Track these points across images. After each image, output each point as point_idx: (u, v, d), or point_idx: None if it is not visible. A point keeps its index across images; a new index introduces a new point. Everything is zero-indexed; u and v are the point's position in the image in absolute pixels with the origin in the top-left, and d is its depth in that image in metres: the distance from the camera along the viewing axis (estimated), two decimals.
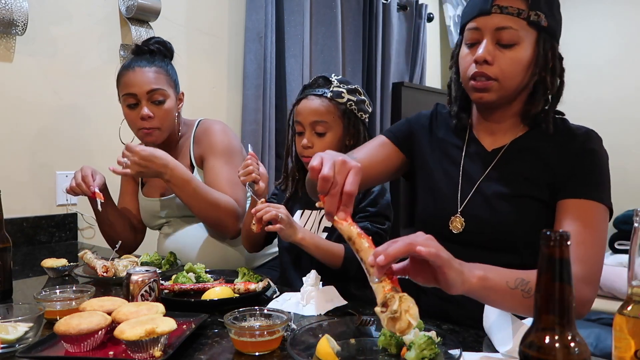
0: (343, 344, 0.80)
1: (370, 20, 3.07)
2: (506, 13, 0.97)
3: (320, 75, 1.45)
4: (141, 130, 1.50)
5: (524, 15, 0.97)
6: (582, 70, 3.44)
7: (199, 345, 0.85)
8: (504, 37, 0.98)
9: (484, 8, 0.99)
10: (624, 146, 3.23)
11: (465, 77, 1.04)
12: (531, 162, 1.03)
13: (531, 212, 1.00)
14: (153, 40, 1.58)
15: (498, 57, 0.99)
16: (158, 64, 1.52)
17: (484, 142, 1.10)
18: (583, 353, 0.52)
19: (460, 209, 1.06)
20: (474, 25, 1.01)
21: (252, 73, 2.43)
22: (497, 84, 1.00)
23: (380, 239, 1.33)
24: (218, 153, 1.54)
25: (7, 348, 0.80)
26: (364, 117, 1.44)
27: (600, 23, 3.40)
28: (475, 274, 0.79)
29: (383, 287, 0.70)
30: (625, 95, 3.28)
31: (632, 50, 3.28)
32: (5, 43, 1.78)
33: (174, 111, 1.54)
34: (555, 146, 1.02)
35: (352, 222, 0.78)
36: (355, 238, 0.75)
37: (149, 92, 1.47)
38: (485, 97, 1.01)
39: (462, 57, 1.06)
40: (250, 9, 2.44)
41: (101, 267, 1.26)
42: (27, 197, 1.85)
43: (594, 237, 0.93)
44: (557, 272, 0.52)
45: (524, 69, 1.00)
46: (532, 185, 1.01)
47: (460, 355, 0.73)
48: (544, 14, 0.98)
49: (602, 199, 0.96)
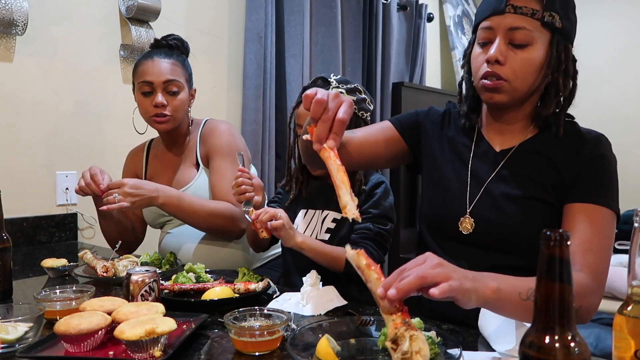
0: (343, 344, 0.80)
1: (370, 20, 3.07)
2: (520, 13, 0.96)
3: (319, 76, 1.45)
4: (153, 118, 1.53)
5: (538, 15, 0.96)
6: (582, 70, 3.39)
7: (199, 345, 0.85)
8: (517, 38, 0.97)
9: (498, 7, 0.98)
10: (624, 146, 3.21)
11: (477, 77, 1.03)
12: (539, 164, 1.02)
13: (538, 214, 0.99)
14: (171, 37, 1.63)
15: (510, 58, 0.98)
16: (176, 57, 1.57)
17: (492, 142, 1.10)
18: (583, 353, 0.52)
19: (469, 210, 1.05)
20: (487, 25, 1.00)
21: (252, 73, 2.43)
22: (508, 85, 0.99)
23: (383, 239, 1.33)
24: (223, 153, 1.56)
25: (7, 348, 0.80)
26: (365, 116, 1.44)
27: (600, 23, 3.40)
28: (488, 286, 0.78)
29: (393, 320, 0.70)
30: (625, 95, 3.28)
31: (632, 50, 3.28)
32: (5, 43, 1.78)
33: (186, 104, 1.58)
34: (565, 150, 1.01)
35: (338, 158, 0.80)
36: (364, 269, 0.74)
37: (165, 82, 1.51)
38: (495, 98, 1.01)
39: (474, 57, 1.05)
40: (250, 9, 2.44)
41: (101, 267, 1.26)
42: (27, 197, 1.85)
43: (602, 244, 0.93)
44: (557, 272, 0.52)
45: (536, 70, 0.99)
46: (539, 188, 1.00)
47: (460, 355, 0.73)
48: (558, 15, 0.97)
49: (611, 205, 0.96)
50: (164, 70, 1.51)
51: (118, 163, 1.76)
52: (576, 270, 0.89)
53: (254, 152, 2.44)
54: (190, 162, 1.62)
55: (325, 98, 0.82)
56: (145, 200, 1.38)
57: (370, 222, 1.33)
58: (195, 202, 1.44)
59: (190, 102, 1.61)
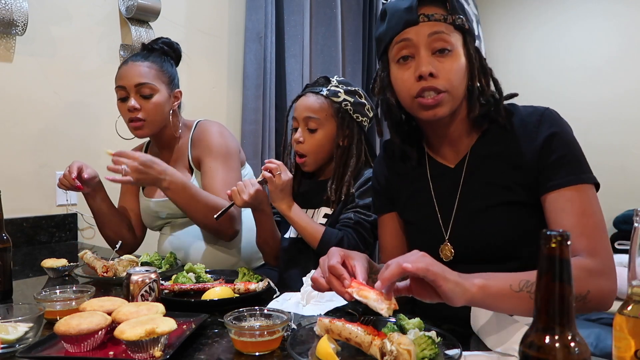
0: (343, 344, 0.80)
1: (370, 20, 3.07)
2: (434, 20, 0.94)
3: (322, 76, 1.48)
4: (131, 123, 1.51)
5: (450, 20, 0.94)
6: (582, 70, 3.44)
7: (199, 345, 0.85)
8: (439, 45, 0.94)
9: (411, 18, 0.94)
10: (624, 146, 3.22)
11: (409, 97, 0.96)
12: (497, 167, 0.98)
13: (514, 217, 0.96)
14: (160, 40, 1.61)
15: (439, 69, 0.94)
16: (152, 59, 1.53)
17: (444, 160, 1.06)
18: (583, 353, 0.52)
19: (447, 237, 1.02)
20: (404, 37, 0.95)
21: (252, 73, 2.43)
22: (448, 95, 0.94)
23: (363, 229, 1.34)
24: (215, 155, 1.53)
25: (7, 348, 0.80)
26: (361, 120, 1.44)
27: (599, 23, 3.40)
28: (474, 282, 0.78)
29: (374, 344, 0.73)
30: (624, 95, 3.28)
31: (632, 50, 3.27)
32: (5, 43, 1.78)
33: (164, 107, 1.52)
34: (514, 142, 0.97)
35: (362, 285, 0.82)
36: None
37: (137, 85, 1.48)
38: (439, 112, 0.95)
39: (396, 78, 0.99)
40: (250, 9, 2.44)
41: (101, 267, 1.26)
42: (27, 197, 1.85)
43: (592, 223, 0.89)
44: (557, 272, 0.52)
45: (464, 74, 0.97)
46: (505, 191, 0.96)
47: (460, 355, 0.73)
48: (463, 17, 0.96)
49: (584, 179, 0.91)
50: (136, 73, 1.48)
51: None
52: (574, 256, 0.86)
53: (254, 152, 2.44)
54: (182, 165, 1.59)
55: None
56: (150, 179, 1.35)
57: (354, 211, 1.34)
58: (198, 193, 1.42)
59: (173, 105, 1.57)
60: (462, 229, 1.01)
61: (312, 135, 1.40)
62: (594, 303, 0.84)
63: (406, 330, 0.79)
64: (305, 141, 1.40)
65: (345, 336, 0.77)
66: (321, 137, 1.40)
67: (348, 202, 1.38)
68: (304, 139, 1.41)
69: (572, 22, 3.52)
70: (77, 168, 1.46)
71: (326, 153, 1.43)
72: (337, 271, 0.84)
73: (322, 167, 1.47)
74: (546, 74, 3.55)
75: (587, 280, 0.83)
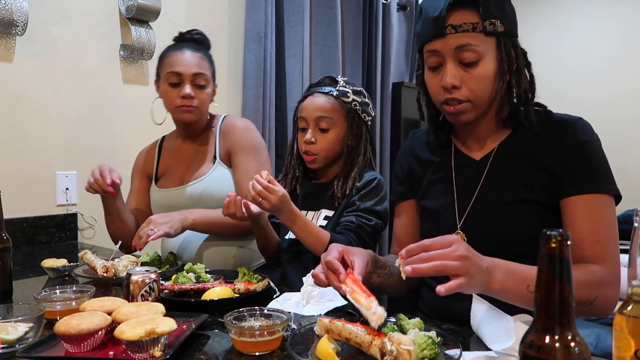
0: (343, 344, 0.80)
1: (370, 20, 3.07)
2: (461, 31, 0.94)
3: (327, 76, 1.48)
4: (179, 108, 1.54)
5: (480, 28, 0.94)
6: (582, 70, 3.44)
7: (199, 345, 0.85)
8: (465, 57, 0.95)
9: (438, 31, 0.96)
10: (624, 146, 3.22)
11: (436, 101, 1.03)
12: (522, 165, 1.00)
13: (531, 216, 0.98)
14: (195, 32, 1.65)
15: (465, 79, 0.96)
16: (203, 52, 1.60)
17: (470, 152, 1.08)
18: (583, 353, 0.52)
19: (459, 225, 1.04)
20: (432, 48, 0.98)
21: (252, 73, 2.43)
22: (470, 104, 0.98)
23: (364, 233, 1.33)
24: (246, 150, 1.59)
25: (7, 348, 0.80)
26: (367, 119, 1.46)
27: (599, 23, 3.40)
28: (495, 279, 0.81)
29: (374, 344, 0.74)
30: (624, 95, 3.28)
31: (632, 50, 3.27)
32: (5, 43, 1.78)
33: (210, 99, 1.61)
34: (543, 144, 0.99)
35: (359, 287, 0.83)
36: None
37: (194, 75, 1.53)
38: (462, 119, 1.01)
39: (428, 81, 1.03)
40: (250, 9, 2.44)
41: (101, 267, 1.26)
42: (27, 197, 1.85)
43: (608, 233, 0.92)
44: (557, 272, 0.52)
45: (492, 81, 0.98)
46: (527, 189, 0.98)
47: (460, 355, 0.73)
48: (498, 19, 0.95)
49: (607, 190, 0.94)
50: (193, 62, 1.54)
51: (117, 163, 1.75)
52: (588, 263, 0.90)
53: None
54: (206, 156, 1.63)
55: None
56: (177, 223, 1.41)
57: (355, 215, 1.34)
58: (217, 212, 1.43)
59: (212, 98, 1.64)
60: (477, 220, 1.03)
61: (323, 135, 1.41)
62: (598, 309, 0.87)
63: (406, 330, 0.79)
64: (317, 141, 1.41)
65: (345, 336, 0.77)
66: (333, 136, 1.41)
67: (348, 205, 1.37)
68: (315, 140, 1.41)
69: (572, 22, 3.52)
70: (109, 172, 1.45)
71: (336, 152, 1.44)
72: (333, 266, 0.86)
73: (325, 168, 1.47)
74: (546, 74, 3.55)
75: (596, 287, 0.86)
